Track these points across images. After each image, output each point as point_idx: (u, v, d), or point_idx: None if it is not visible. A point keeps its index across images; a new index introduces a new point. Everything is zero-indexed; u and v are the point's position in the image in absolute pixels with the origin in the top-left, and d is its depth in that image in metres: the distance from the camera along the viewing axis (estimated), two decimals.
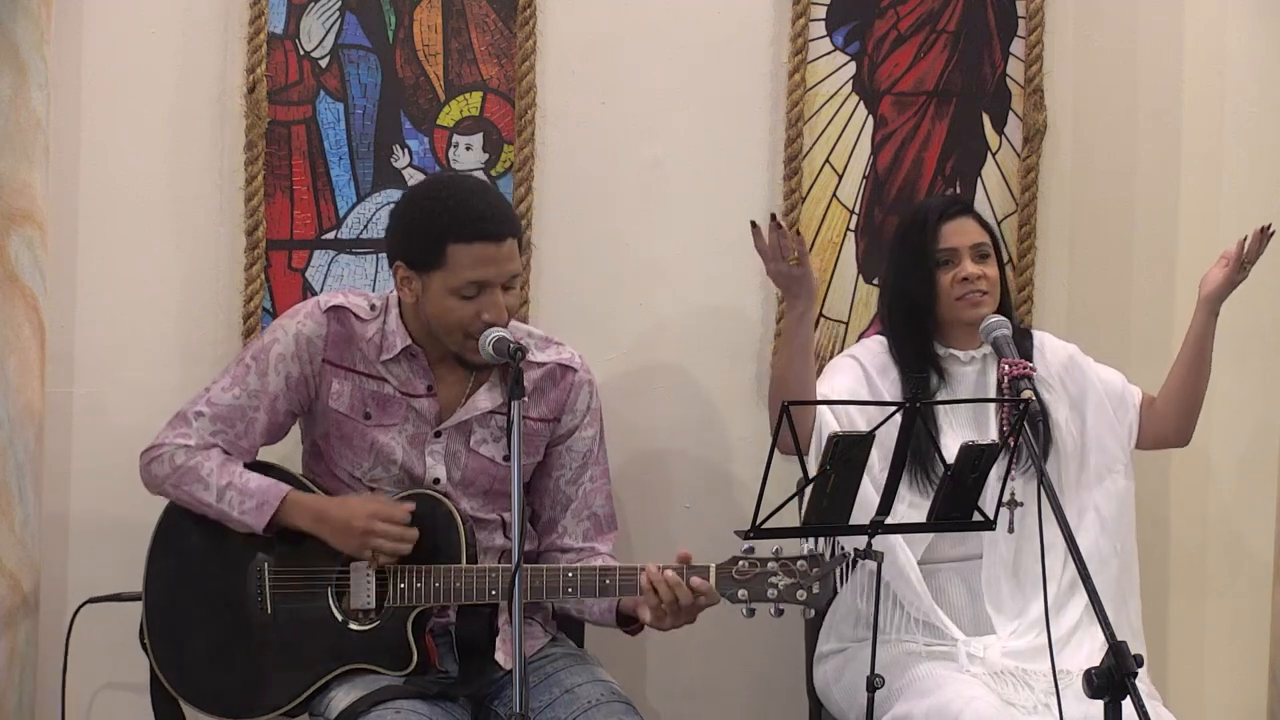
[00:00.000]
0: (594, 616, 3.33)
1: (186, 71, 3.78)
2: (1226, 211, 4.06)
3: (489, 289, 3.18)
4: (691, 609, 3.10)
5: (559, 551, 3.36)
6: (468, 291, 3.17)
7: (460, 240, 3.16)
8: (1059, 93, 4.00)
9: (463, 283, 3.17)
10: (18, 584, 3.55)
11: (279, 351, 3.28)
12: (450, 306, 3.19)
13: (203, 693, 3.29)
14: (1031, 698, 3.28)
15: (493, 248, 3.17)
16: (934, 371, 3.49)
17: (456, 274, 3.17)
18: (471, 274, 3.16)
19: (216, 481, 3.21)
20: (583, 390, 3.38)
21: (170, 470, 3.26)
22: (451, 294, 3.18)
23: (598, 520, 3.39)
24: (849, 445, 2.85)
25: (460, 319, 3.19)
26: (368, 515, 3.16)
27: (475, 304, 3.18)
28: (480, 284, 3.17)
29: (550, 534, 3.40)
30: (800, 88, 3.92)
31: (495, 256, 3.17)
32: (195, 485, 3.23)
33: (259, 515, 3.19)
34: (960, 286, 3.45)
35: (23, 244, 3.55)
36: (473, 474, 3.31)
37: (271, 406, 3.29)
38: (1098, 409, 3.54)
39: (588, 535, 3.38)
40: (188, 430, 3.27)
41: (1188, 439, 3.60)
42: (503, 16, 3.85)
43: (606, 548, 3.38)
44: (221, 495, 3.21)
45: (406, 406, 3.28)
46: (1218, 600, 4.12)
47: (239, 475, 3.23)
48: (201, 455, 3.25)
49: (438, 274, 3.18)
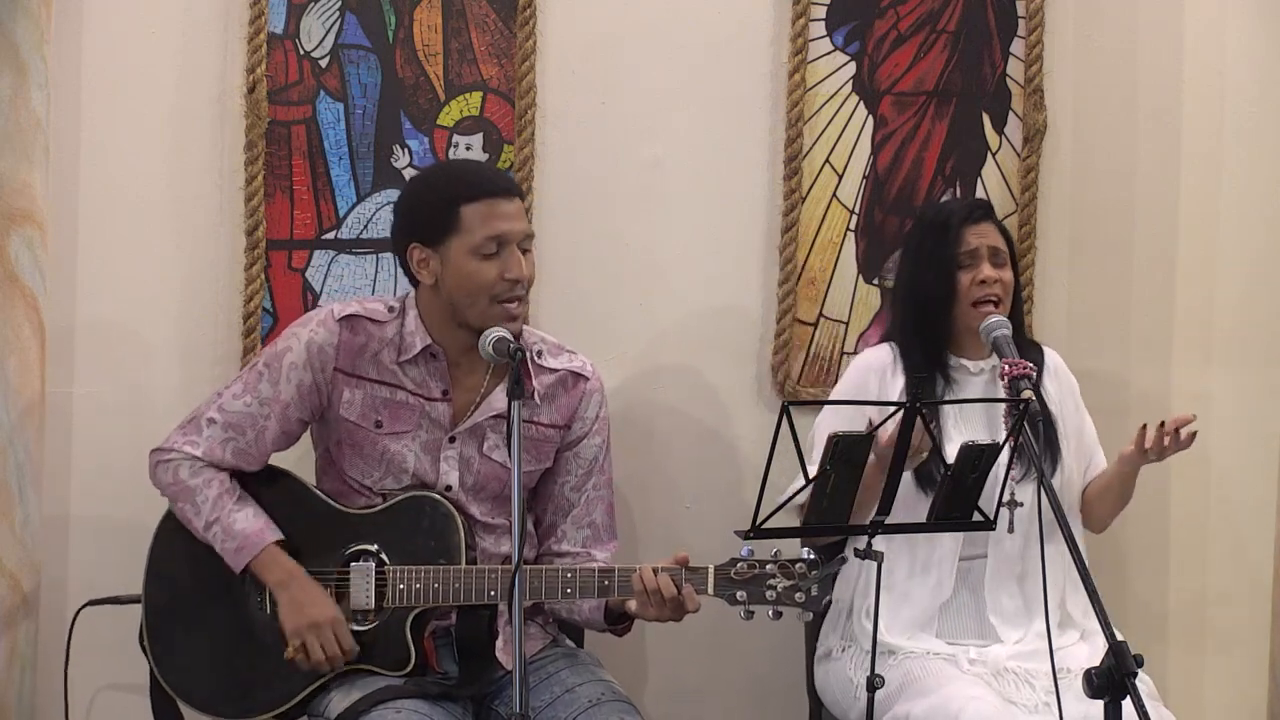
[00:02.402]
0: (583, 616, 3.33)
1: (186, 71, 3.78)
2: (1226, 211, 4.06)
3: (507, 245, 3.20)
4: (677, 606, 3.10)
5: (555, 556, 3.37)
6: (487, 249, 3.19)
7: (471, 200, 3.19)
8: (1059, 93, 4.00)
9: (481, 239, 3.18)
10: (18, 584, 3.56)
11: (291, 360, 3.28)
12: (473, 270, 3.19)
13: (202, 694, 3.29)
14: (1033, 696, 3.28)
15: (504, 203, 3.21)
16: (941, 378, 3.49)
17: (473, 232, 3.19)
18: (488, 229, 3.18)
19: (207, 514, 3.23)
20: (593, 399, 3.38)
21: (172, 480, 3.27)
22: (472, 254, 3.19)
23: (596, 529, 3.39)
24: (849, 445, 2.85)
25: (485, 280, 3.19)
26: (326, 618, 3.18)
27: (498, 263, 3.19)
28: (498, 239, 3.19)
29: (549, 539, 3.40)
30: (800, 88, 3.92)
31: (508, 211, 3.21)
32: (188, 508, 3.26)
33: (236, 559, 3.22)
34: (977, 289, 3.44)
35: (23, 244, 3.55)
36: (484, 479, 3.31)
37: (283, 414, 3.29)
38: (1070, 453, 3.54)
39: (585, 543, 3.38)
40: (197, 439, 3.28)
41: (1100, 532, 3.62)
42: (503, 16, 3.85)
43: (604, 555, 3.37)
44: (209, 527, 3.24)
45: (420, 413, 3.28)
46: (1218, 601, 4.11)
47: (227, 513, 3.24)
48: (204, 478, 3.25)
49: (454, 240, 3.20)
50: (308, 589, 3.20)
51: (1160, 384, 3.99)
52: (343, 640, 3.18)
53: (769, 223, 3.94)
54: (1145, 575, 4.08)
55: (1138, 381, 4.02)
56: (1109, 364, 3.98)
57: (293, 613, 3.18)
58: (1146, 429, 3.34)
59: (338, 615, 3.19)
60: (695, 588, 3.08)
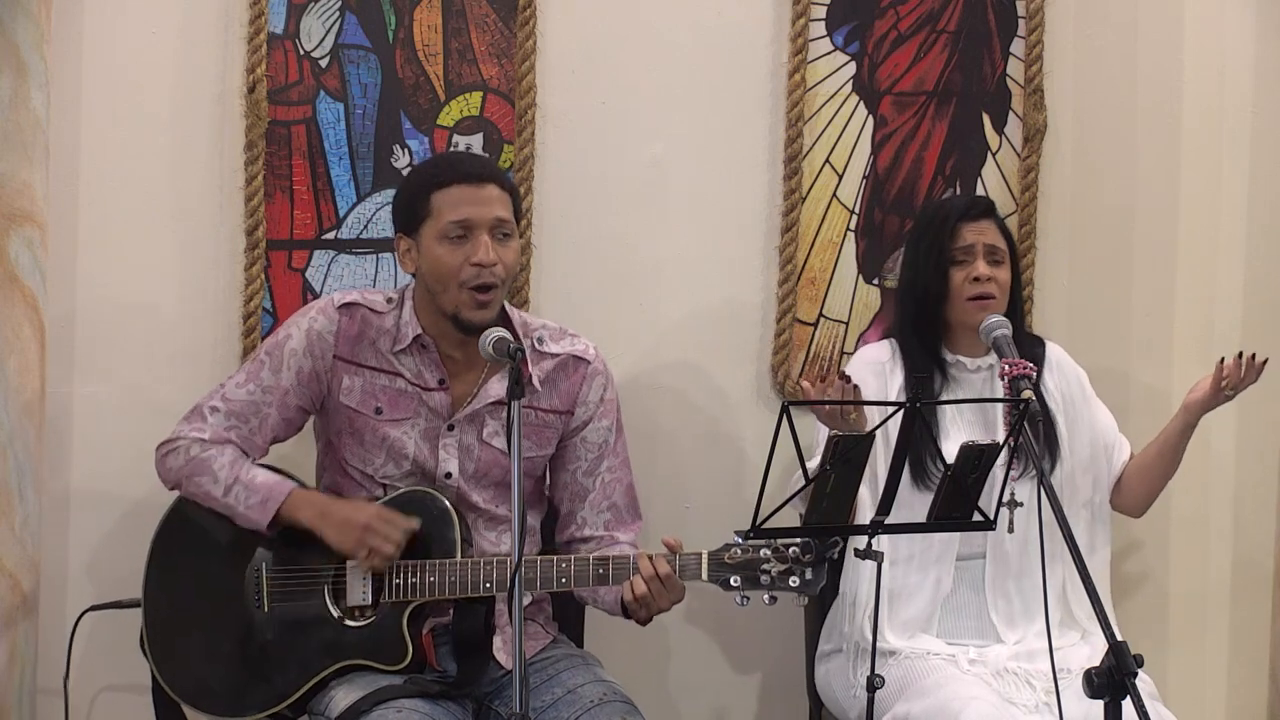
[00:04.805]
0: (606, 607, 3.33)
1: (186, 71, 3.78)
2: (1226, 211, 4.06)
3: (475, 231, 3.21)
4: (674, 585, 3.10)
5: (580, 543, 3.37)
6: (453, 233, 3.21)
7: (441, 186, 3.23)
8: (1059, 93, 4.00)
9: (446, 223, 3.21)
10: (18, 584, 3.55)
11: (291, 347, 3.30)
12: (439, 255, 3.22)
13: (202, 694, 3.29)
14: (1033, 696, 3.29)
15: (472, 189, 3.22)
16: (940, 376, 3.49)
17: (440, 218, 3.22)
18: (453, 214, 3.21)
19: (225, 478, 3.25)
20: (595, 381, 3.38)
21: (184, 461, 3.28)
22: (440, 240, 3.22)
23: (618, 510, 3.39)
24: (849, 445, 2.85)
25: (451, 265, 3.21)
26: (372, 513, 3.18)
27: (463, 249, 3.21)
28: (464, 224, 3.20)
29: (569, 526, 3.40)
30: (800, 88, 3.92)
31: (476, 197, 3.22)
32: (205, 478, 3.26)
33: (264, 510, 3.22)
34: (971, 286, 3.45)
35: (23, 244, 3.55)
36: (485, 466, 3.31)
37: (283, 401, 3.31)
38: (1081, 444, 3.54)
39: (607, 526, 3.38)
40: (203, 425, 3.30)
41: (1141, 514, 3.63)
42: (503, 16, 3.85)
43: (628, 537, 3.38)
44: (229, 490, 3.24)
45: (419, 401, 3.30)
46: (1218, 601, 4.12)
47: (246, 471, 3.26)
48: (215, 449, 3.27)
49: (426, 227, 3.23)
50: (342, 507, 3.22)
51: (1160, 383, 3.98)
52: (397, 524, 3.16)
53: (769, 223, 3.94)
54: (1145, 575, 4.08)
55: (1138, 380, 4.02)
56: (1109, 363, 3.97)
57: (342, 533, 3.18)
58: (1225, 360, 3.38)
59: (380, 509, 3.19)
60: (689, 573, 3.09)
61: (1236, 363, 3.39)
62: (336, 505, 3.24)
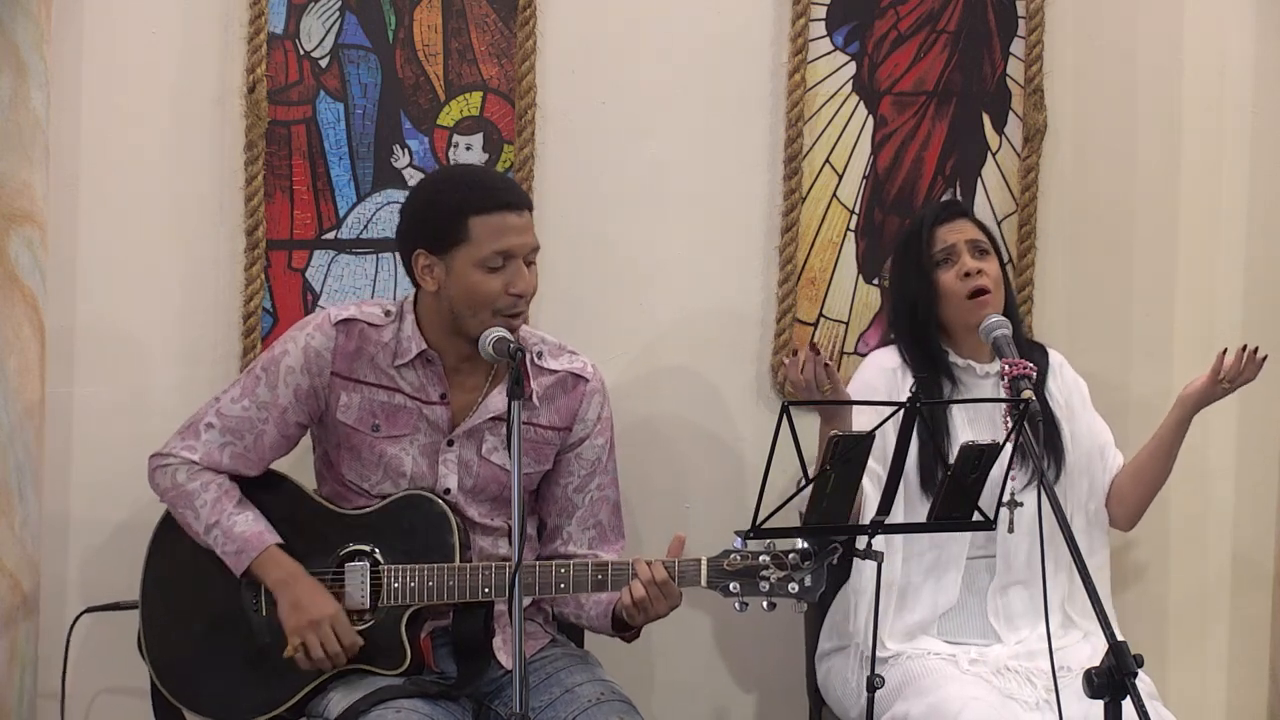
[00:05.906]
0: (591, 621, 3.33)
1: (186, 71, 3.78)
2: (1226, 211, 4.06)
3: (513, 260, 3.19)
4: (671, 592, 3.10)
5: (562, 558, 3.35)
6: (494, 263, 3.17)
7: (482, 212, 3.18)
8: (1059, 93, 4.00)
9: (488, 253, 3.17)
10: (18, 584, 3.56)
11: (288, 364, 3.28)
12: (477, 281, 3.18)
13: (201, 697, 3.29)
14: (1033, 694, 3.29)
15: (514, 216, 3.20)
16: (947, 380, 3.48)
17: (481, 246, 3.17)
18: (496, 244, 3.17)
19: (207, 518, 3.23)
20: (594, 400, 3.37)
21: (171, 485, 3.28)
22: (478, 268, 3.18)
23: (602, 530, 3.39)
24: (849, 445, 2.85)
25: (489, 293, 3.18)
26: (325, 614, 3.17)
27: (502, 276, 3.18)
28: (506, 254, 3.18)
29: (554, 540, 3.39)
30: (800, 88, 3.92)
31: (517, 226, 3.20)
32: (189, 512, 3.26)
33: (237, 561, 3.22)
34: (965, 283, 3.44)
35: (23, 244, 3.55)
36: (484, 482, 3.31)
37: (281, 419, 3.29)
38: (1080, 449, 3.53)
39: (592, 543, 3.38)
40: (195, 444, 3.28)
41: (1131, 527, 3.61)
42: (503, 16, 3.85)
43: (611, 556, 3.36)
44: (209, 530, 3.24)
45: (418, 415, 3.28)
46: (1218, 600, 4.11)
47: (228, 516, 3.24)
48: (201, 481, 3.26)
49: (461, 250, 3.18)
50: (308, 588, 3.20)
51: (1160, 384, 3.98)
52: (343, 636, 3.17)
53: (769, 223, 3.94)
54: (1145, 575, 4.08)
55: (1138, 381, 4.02)
56: (1109, 364, 3.97)
57: (292, 612, 3.18)
58: (1226, 353, 3.38)
59: (338, 612, 3.18)
60: (688, 579, 3.09)
61: (1237, 355, 3.38)
62: (303, 585, 3.20)
